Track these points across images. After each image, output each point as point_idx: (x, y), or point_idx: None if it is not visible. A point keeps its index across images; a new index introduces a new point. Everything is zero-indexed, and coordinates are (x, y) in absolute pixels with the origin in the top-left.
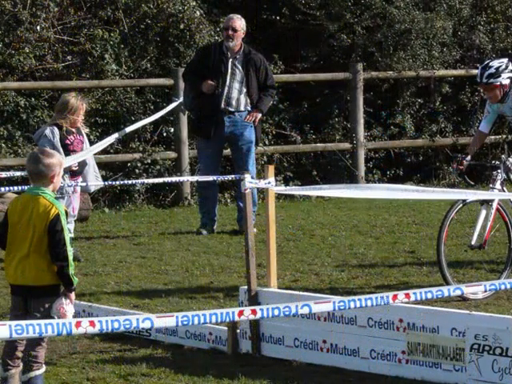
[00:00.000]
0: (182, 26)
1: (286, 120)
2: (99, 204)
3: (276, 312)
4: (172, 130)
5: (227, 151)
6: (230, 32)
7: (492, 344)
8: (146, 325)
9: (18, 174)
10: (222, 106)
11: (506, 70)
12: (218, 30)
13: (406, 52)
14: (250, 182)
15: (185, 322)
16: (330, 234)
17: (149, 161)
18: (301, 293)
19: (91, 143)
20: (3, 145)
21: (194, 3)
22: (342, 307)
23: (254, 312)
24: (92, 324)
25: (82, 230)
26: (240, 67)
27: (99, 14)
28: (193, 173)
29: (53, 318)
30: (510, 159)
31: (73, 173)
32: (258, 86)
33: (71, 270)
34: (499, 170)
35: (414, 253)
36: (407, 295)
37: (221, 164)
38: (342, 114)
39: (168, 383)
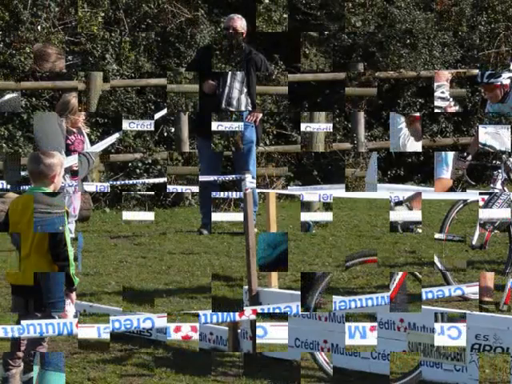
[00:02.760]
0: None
1: (286, 120)
2: (100, 204)
3: (277, 312)
4: (173, 129)
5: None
6: (231, 32)
7: (493, 344)
8: (147, 325)
9: None
10: (223, 105)
11: (507, 70)
12: (219, 29)
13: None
14: (250, 182)
15: None
16: (330, 234)
17: (150, 161)
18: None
19: (92, 143)
20: (4, 145)
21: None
22: (342, 307)
23: (254, 312)
24: None
25: (83, 230)
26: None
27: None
28: None
29: (54, 317)
30: (510, 159)
31: (74, 173)
32: None
33: (72, 270)
34: (500, 170)
35: (415, 253)
36: None
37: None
38: (343, 114)
39: (169, 383)
